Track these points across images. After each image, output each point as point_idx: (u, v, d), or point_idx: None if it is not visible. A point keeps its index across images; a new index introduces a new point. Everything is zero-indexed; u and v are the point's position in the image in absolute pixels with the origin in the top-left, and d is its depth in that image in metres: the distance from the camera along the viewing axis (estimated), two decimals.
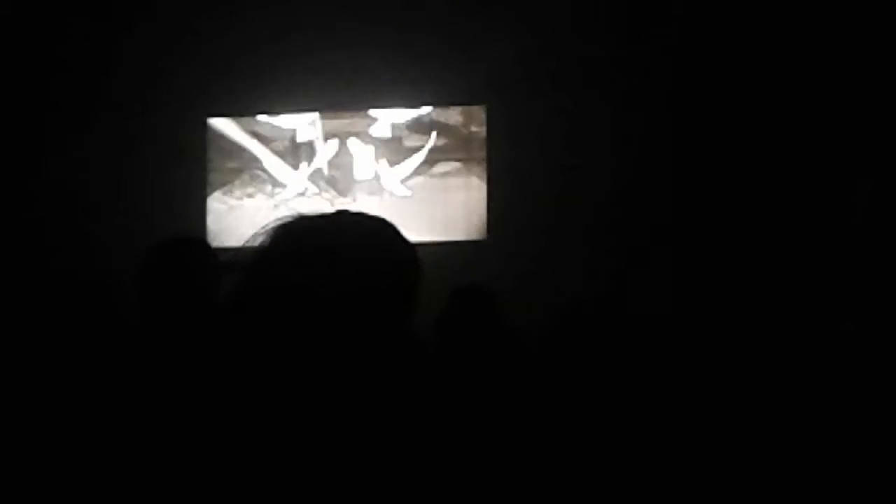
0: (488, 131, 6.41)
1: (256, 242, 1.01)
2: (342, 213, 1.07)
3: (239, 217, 6.52)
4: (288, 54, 6.27)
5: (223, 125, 6.67)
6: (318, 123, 6.63)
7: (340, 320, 0.95)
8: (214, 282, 2.17)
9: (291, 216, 1.04)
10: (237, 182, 6.63)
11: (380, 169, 6.55)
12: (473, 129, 6.47)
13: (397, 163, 6.53)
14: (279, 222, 1.03)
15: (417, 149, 6.52)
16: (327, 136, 6.61)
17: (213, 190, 6.63)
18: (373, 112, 6.55)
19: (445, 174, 6.48)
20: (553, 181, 6.09)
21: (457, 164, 6.48)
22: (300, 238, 1.00)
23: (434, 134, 6.50)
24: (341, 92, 6.42)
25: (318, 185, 6.60)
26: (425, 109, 6.51)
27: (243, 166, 6.64)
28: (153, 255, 2.25)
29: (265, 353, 0.94)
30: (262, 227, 1.03)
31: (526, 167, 6.13)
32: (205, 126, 6.65)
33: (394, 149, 6.54)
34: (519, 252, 5.99)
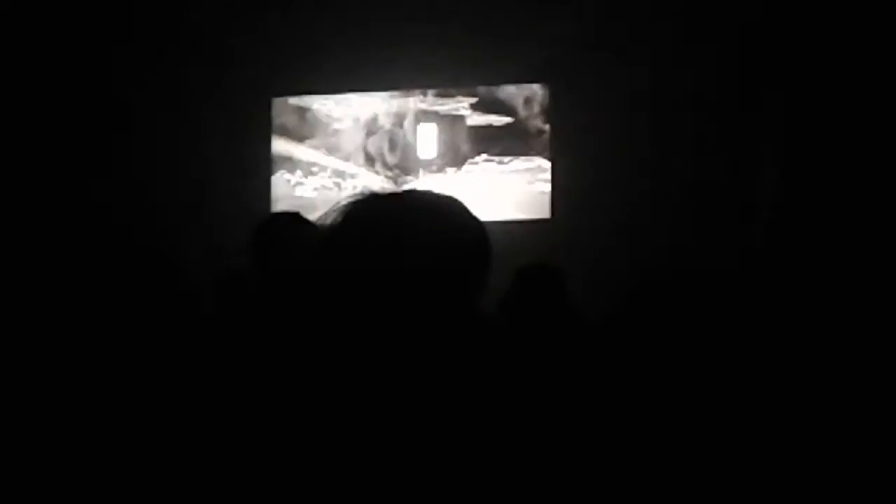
0: (551, 109, 6.37)
1: (328, 220, 1.02)
2: (411, 193, 1.08)
3: (302, 195, 6.60)
4: (352, 35, 6.29)
5: (288, 104, 6.74)
6: (382, 103, 6.65)
7: (411, 297, 0.96)
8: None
9: (362, 194, 1.05)
10: (301, 161, 6.71)
11: (443, 148, 6.55)
12: (536, 107, 6.43)
13: (461, 141, 6.53)
14: (350, 200, 1.04)
15: (481, 127, 6.50)
16: (391, 116, 6.64)
17: (277, 168, 6.72)
18: (436, 91, 6.55)
19: (508, 153, 6.45)
20: (616, 159, 6.02)
21: (520, 143, 6.45)
22: (371, 216, 1.01)
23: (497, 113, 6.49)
24: (404, 72, 6.43)
25: (382, 164, 6.63)
26: (489, 88, 6.50)
27: (307, 145, 6.71)
28: (269, 225, 2.24)
29: (338, 329, 0.96)
30: (334, 206, 1.04)
31: (589, 145, 6.08)
32: (270, 105, 6.73)
33: (457, 127, 6.54)
34: (583, 231, 5.95)
